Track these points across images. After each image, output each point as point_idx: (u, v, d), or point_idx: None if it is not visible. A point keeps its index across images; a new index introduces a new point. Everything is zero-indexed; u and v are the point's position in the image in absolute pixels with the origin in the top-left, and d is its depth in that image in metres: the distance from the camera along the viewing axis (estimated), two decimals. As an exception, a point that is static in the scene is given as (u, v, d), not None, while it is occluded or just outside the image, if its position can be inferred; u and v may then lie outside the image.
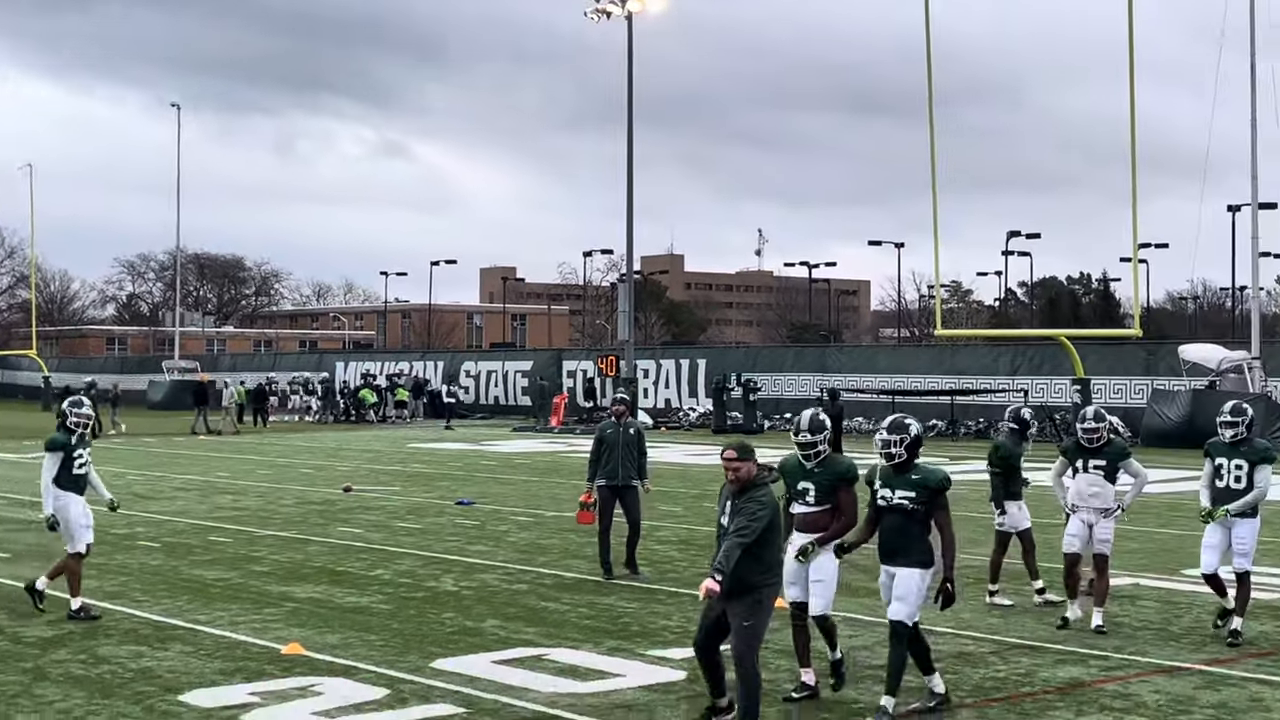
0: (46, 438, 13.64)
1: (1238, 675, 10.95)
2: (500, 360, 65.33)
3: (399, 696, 10.15)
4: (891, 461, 9.71)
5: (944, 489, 9.62)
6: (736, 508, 8.81)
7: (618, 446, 16.08)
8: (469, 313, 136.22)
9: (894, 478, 9.70)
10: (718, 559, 8.61)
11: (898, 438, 9.69)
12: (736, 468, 8.85)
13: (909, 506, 9.57)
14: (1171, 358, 42.32)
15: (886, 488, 9.71)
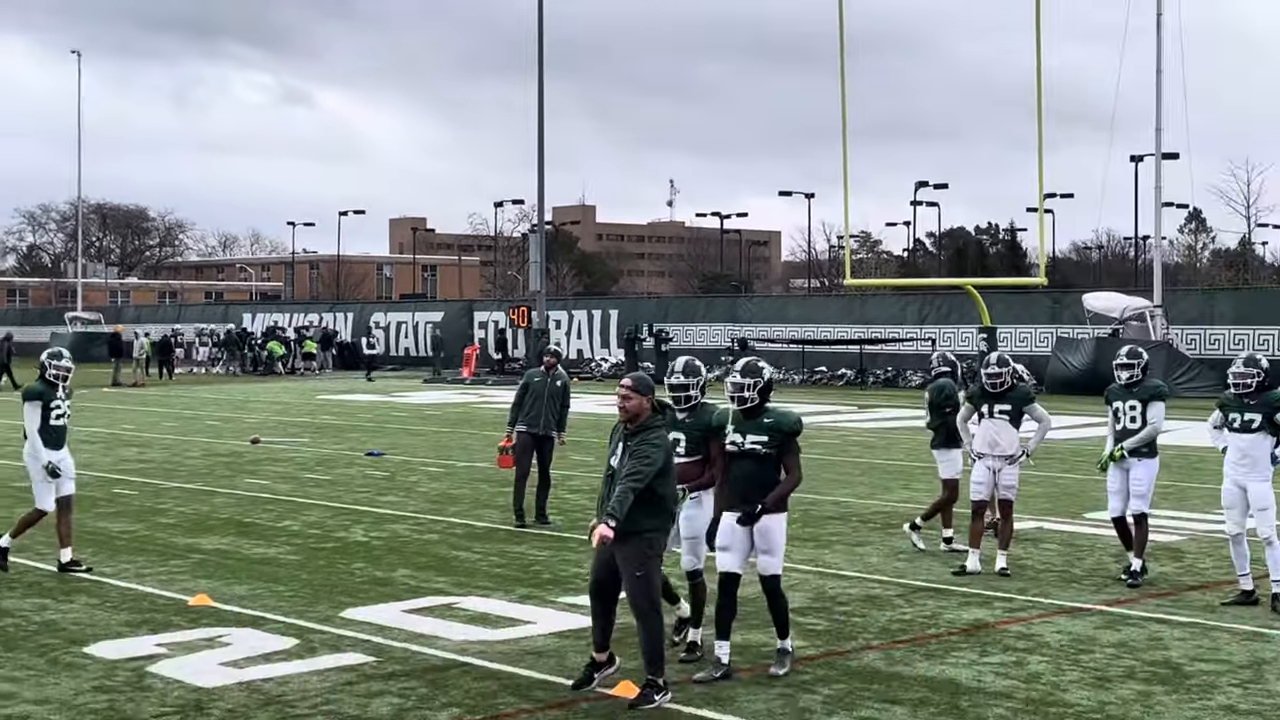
0: (24, 388, 13.33)
1: (1137, 615, 11.18)
2: (410, 311, 64.88)
3: (308, 646, 10.10)
4: (743, 406, 9.26)
5: (796, 432, 9.22)
6: (629, 449, 8.72)
7: (543, 396, 16.14)
8: (378, 264, 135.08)
9: (745, 423, 9.24)
10: (610, 505, 8.50)
11: (750, 381, 9.25)
12: (627, 397, 8.77)
13: (761, 451, 9.14)
14: (1076, 306, 42.95)
15: (737, 433, 9.24)
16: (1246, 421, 11.38)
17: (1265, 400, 11.35)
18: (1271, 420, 11.32)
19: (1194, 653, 9.92)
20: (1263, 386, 11.39)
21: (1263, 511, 11.32)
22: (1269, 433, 11.36)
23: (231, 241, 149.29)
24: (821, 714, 8.40)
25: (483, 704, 8.62)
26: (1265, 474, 11.38)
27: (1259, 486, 11.34)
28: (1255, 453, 11.35)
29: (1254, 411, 11.36)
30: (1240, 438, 11.40)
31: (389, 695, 8.81)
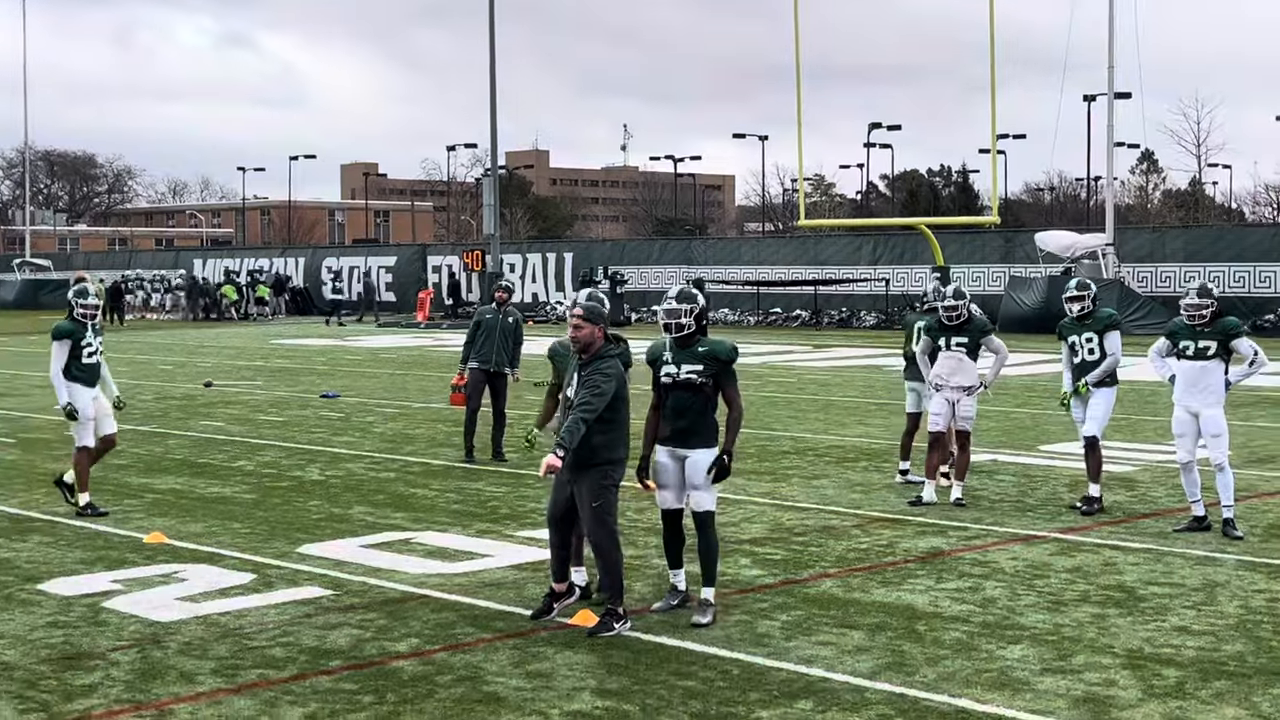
0: (52, 326, 13.05)
1: (1091, 542, 11.28)
2: (363, 256, 64.48)
3: (265, 581, 10.06)
4: (680, 333, 8.94)
5: (732, 360, 8.90)
6: (582, 379, 8.66)
7: (495, 332, 16.09)
8: (330, 209, 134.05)
9: (680, 351, 8.92)
10: (561, 435, 8.47)
11: (686, 307, 8.91)
12: (579, 326, 8.67)
13: (697, 381, 8.83)
14: (1029, 245, 43.14)
15: (672, 364, 8.92)
16: (1201, 349, 11.41)
17: (1219, 327, 11.41)
18: (1226, 347, 11.39)
19: (1147, 577, 10.02)
20: (1215, 315, 11.45)
21: (1215, 438, 11.40)
22: (1223, 359, 11.43)
23: (181, 188, 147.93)
24: (780, 639, 8.43)
25: (441, 634, 8.61)
26: (1218, 401, 11.46)
27: (1212, 412, 11.42)
28: (1209, 380, 11.41)
29: (1208, 339, 11.40)
30: (1194, 365, 11.44)
31: (347, 627, 8.78)
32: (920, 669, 7.81)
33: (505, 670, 7.83)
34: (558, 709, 7.15)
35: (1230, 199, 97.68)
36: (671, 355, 8.99)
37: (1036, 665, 7.87)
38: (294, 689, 7.51)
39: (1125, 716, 6.98)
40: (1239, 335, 11.44)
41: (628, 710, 7.12)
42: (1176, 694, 7.35)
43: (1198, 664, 7.88)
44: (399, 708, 7.18)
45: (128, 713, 7.13)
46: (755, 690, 7.44)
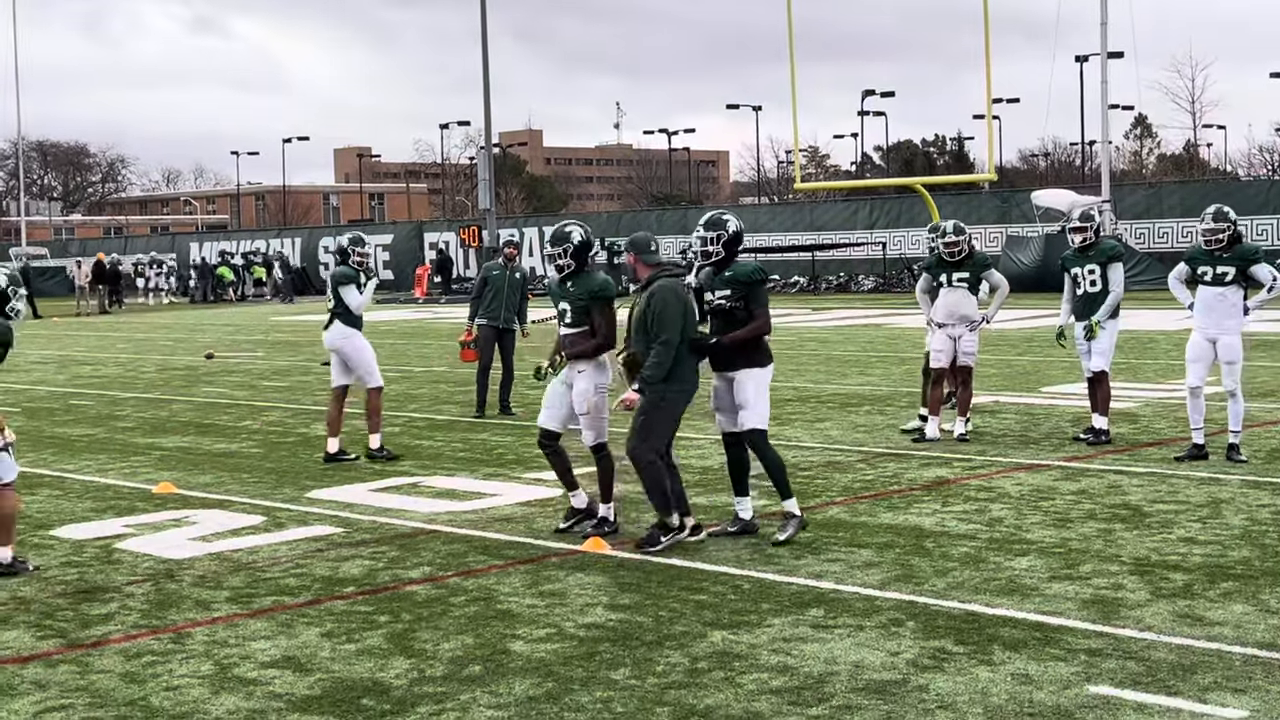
0: (335, 272, 13.18)
1: (1095, 468, 11.34)
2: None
3: (276, 522, 10.11)
4: (710, 260, 9.04)
5: (755, 280, 8.96)
6: (642, 310, 8.85)
7: (503, 289, 16.07)
8: (325, 193, 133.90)
9: (712, 279, 9.06)
10: (646, 371, 8.73)
11: (713, 234, 9.00)
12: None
13: (727, 305, 8.95)
14: (1025, 205, 43.16)
15: (708, 291, 9.06)
16: (1219, 274, 11.35)
17: (1238, 253, 11.35)
18: (1244, 273, 11.37)
19: (1153, 496, 10.08)
20: (1233, 240, 11.42)
21: (1230, 364, 11.40)
22: (1241, 285, 11.40)
23: (175, 176, 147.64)
24: (789, 559, 8.49)
25: (454, 562, 8.67)
26: (1236, 327, 11.42)
27: (1229, 339, 11.38)
28: (1227, 305, 11.36)
29: (1226, 264, 11.34)
30: (1213, 291, 11.39)
31: (359, 559, 8.84)
32: (929, 579, 7.87)
33: (518, 591, 7.90)
34: (572, 622, 7.21)
35: (1225, 161, 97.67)
36: (705, 284, 9.10)
37: (1045, 574, 7.93)
38: (309, 612, 7.57)
39: (1134, 615, 7.04)
40: (1258, 261, 11.40)
41: (641, 621, 7.18)
42: (1185, 594, 7.41)
43: (1205, 568, 7.94)
44: (414, 625, 7.24)
45: (145, 636, 7.19)
46: (767, 601, 7.50)
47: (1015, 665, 6.27)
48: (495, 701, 6.00)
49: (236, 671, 6.53)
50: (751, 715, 5.74)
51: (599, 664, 6.49)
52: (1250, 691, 5.84)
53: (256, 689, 6.27)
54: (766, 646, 6.68)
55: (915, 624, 6.98)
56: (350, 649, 6.85)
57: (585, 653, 6.66)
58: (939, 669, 6.26)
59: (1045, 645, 6.56)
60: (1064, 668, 6.22)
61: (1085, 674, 6.13)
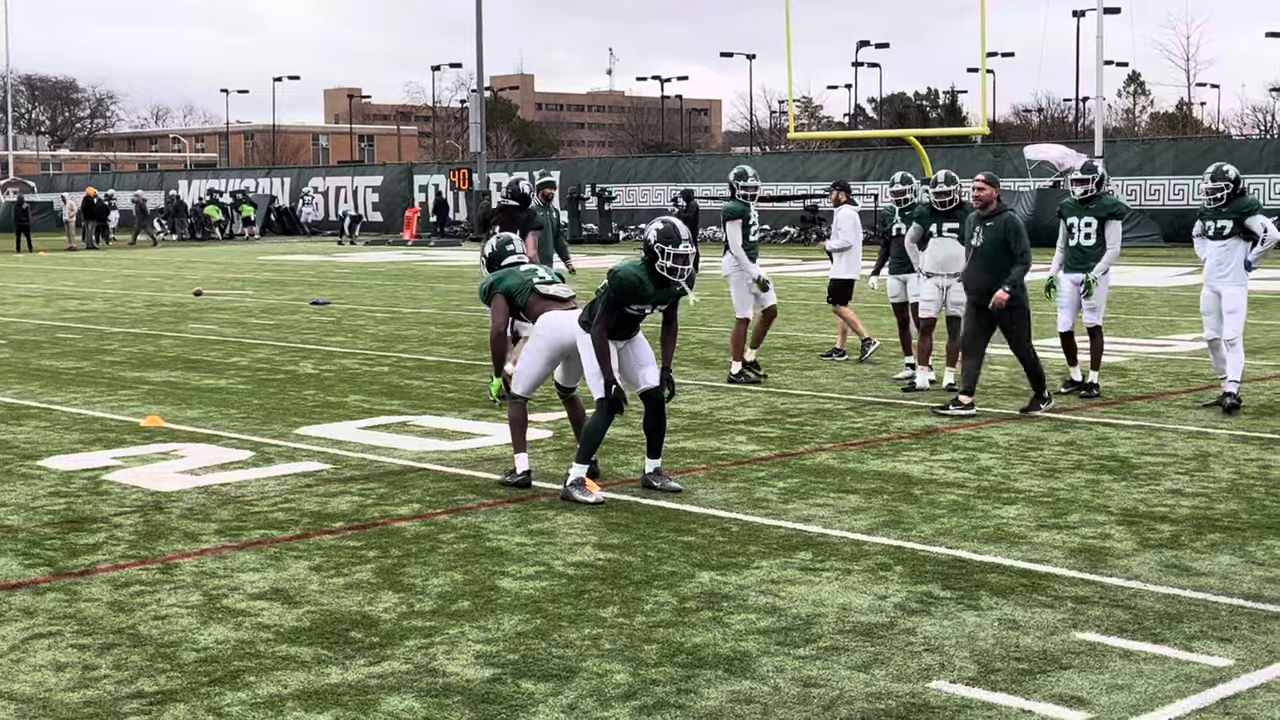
0: (728, 209, 13.64)
1: (1084, 420, 11.36)
2: (350, 175, 64.12)
3: (264, 457, 10.10)
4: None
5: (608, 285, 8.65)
6: (986, 230, 11.48)
7: (547, 228, 15.79)
8: (314, 134, 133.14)
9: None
10: (1012, 277, 11.36)
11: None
12: (981, 189, 11.58)
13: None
14: (1018, 159, 43.04)
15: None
16: (1219, 228, 11.65)
17: (1235, 208, 11.61)
18: (1242, 226, 11.54)
19: (1140, 449, 10.11)
20: (1233, 196, 11.59)
21: (1231, 314, 11.60)
22: (1242, 238, 11.58)
23: (164, 113, 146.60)
24: (778, 502, 8.51)
25: (443, 500, 8.67)
26: (1238, 279, 11.62)
27: (1231, 290, 11.62)
28: (1229, 258, 11.61)
29: (1225, 219, 11.62)
30: (1217, 245, 11.67)
31: (349, 495, 8.84)
32: (917, 526, 7.89)
33: (507, 529, 7.90)
34: (561, 560, 7.22)
35: (1218, 120, 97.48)
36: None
37: (1032, 522, 7.95)
38: (298, 546, 7.58)
39: (1122, 564, 7.07)
40: (1252, 213, 11.61)
41: (630, 560, 7.19)
42: (1172, 545, 7.44)
43: (1192, 520, 7.97)
44: (403, 560, 7.24)
45: (133, 566, 7.19)
46: (755, 544, 7.52)
47: (1002, 611, 6.30)
48: (484, 636, 6.01)
49: (225, 602, 6.54)
50: (739, 654, 5.76)
51: (587, 602, 6.50)
52: (1235, 641, 5.87)
53: (245, 620, 6.27)
54: (754, 588, 6.70)
55: (903, 568, 7.00)
56: (339, 583, 6.85)
57: (574, 591, 6.67)
58: (926, 613, 6.28)
59: (1032, 592, 6.59)
60: (1050, 614, 6.24)
61: (1072, 620, 6.15)
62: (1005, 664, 5.62)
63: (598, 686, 5.42)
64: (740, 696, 5.31)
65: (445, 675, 5.56)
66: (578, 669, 5.61)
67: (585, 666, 5.64)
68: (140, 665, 5.70)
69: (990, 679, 5.46)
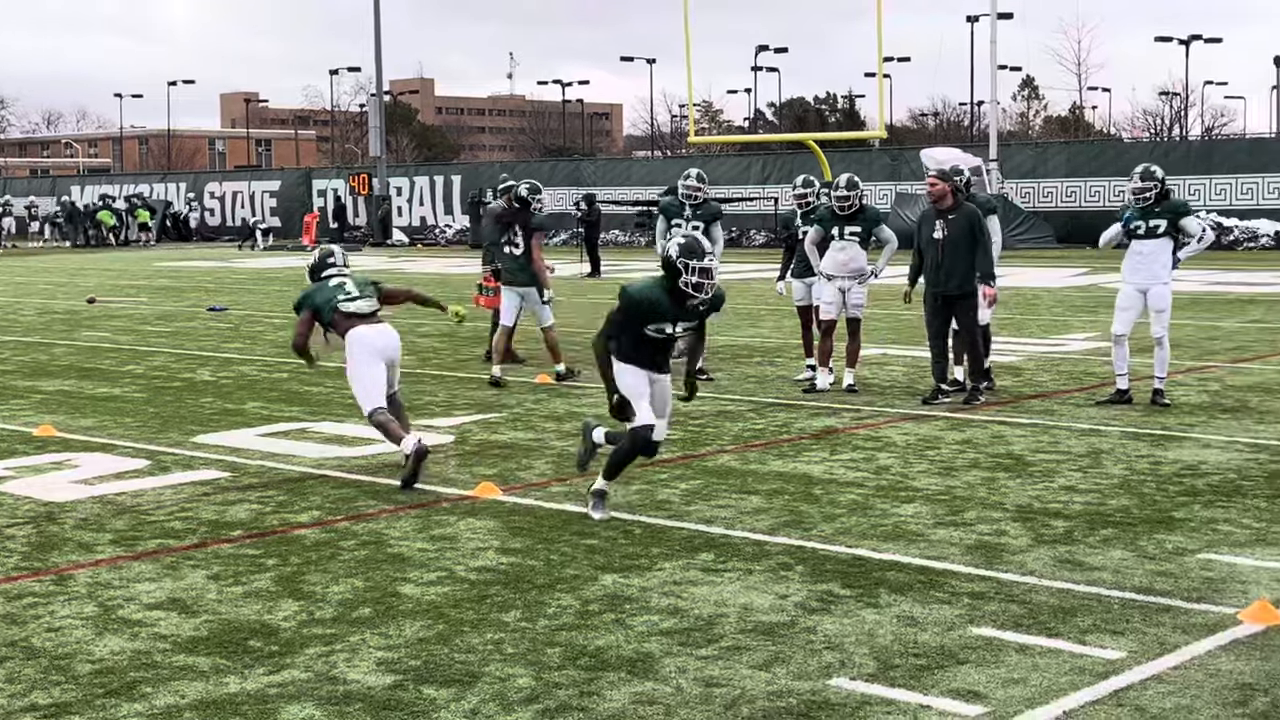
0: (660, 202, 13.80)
1: (980, 419, 11.53)
2: (246, 180, 63.37)
3: (161, 466, 9.96)
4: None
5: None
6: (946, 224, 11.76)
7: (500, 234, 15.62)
8: (211, 138, 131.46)
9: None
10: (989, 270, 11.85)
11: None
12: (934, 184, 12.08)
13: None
14: (915, 163, 43.57)
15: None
16: (1152, 227, 11.84)
17: (1169, 207, 11.88)
18: (1175, 225, 11.81)
19: (1035, 446, 10.28)
20: (1161, 196, 11.86)
21: (1159, 313, 11.90)
22: (1171, 238, 11.85)
23: (57, 118, 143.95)
24: (680, 504, 8.54)
25: (343, 506, 8.61)
26: (1166, 278, 11.90)
27: (1159, 289, 11.88)
28: (1160, 257, 11.83)
29: (1158, 218, 11.84)
30: (1145, 243, 11.86)
31: (247, 503, 8.74)
32: (818, 525, 7.96)
33: (409, 535, 7.86)
34: (463, 566, 7.19)
35: (1109, 123, 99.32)
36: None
37: (930, 520, 8.06)
38: (195, 555, 7.48)
39: (1017, 560, 7.19)
40: (1188, 214, 11.94)
41: (532, 564, 7.19)
42: (1065, 540, 7.57)
43: (1085, 516, 8.12)
44: (303, 569, 7.17)
45: (26, 578, 7.05)
46: (657, 546, 7.55)
47: (901, 608, 6.38)
48: (385, 643, 5.98)
49: (121, 613, 6.44)
50: (642, 656, 5.78)
51: (490, 606, 6.48)
52: (1127, 634, 5.99)
53: (141, 630, 6.18)
54: (657, 589, 6.72)
55: (804, 568, 7.07)
56: (237, 591, 6.77)
57: (476, 595, 6.66)
58: (826, 611, 6.35)
59: (930, 589, 6.68)
60: (948, 610, 6.33)
61: (969, 616, 6.24)
62: (904, 660, 5.69)
63: (500, 691, 5.41)
64: (643, 698, 5.33)
65: (346, 683, 5.52)
66: (480, 674, 5.60)
67: (487, 671, 5.63)
68: (34, 678, 5.60)
69: (889, 675, 5.53)
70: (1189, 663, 5.62)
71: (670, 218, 14.05)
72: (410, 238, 53.25)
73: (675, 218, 13.99)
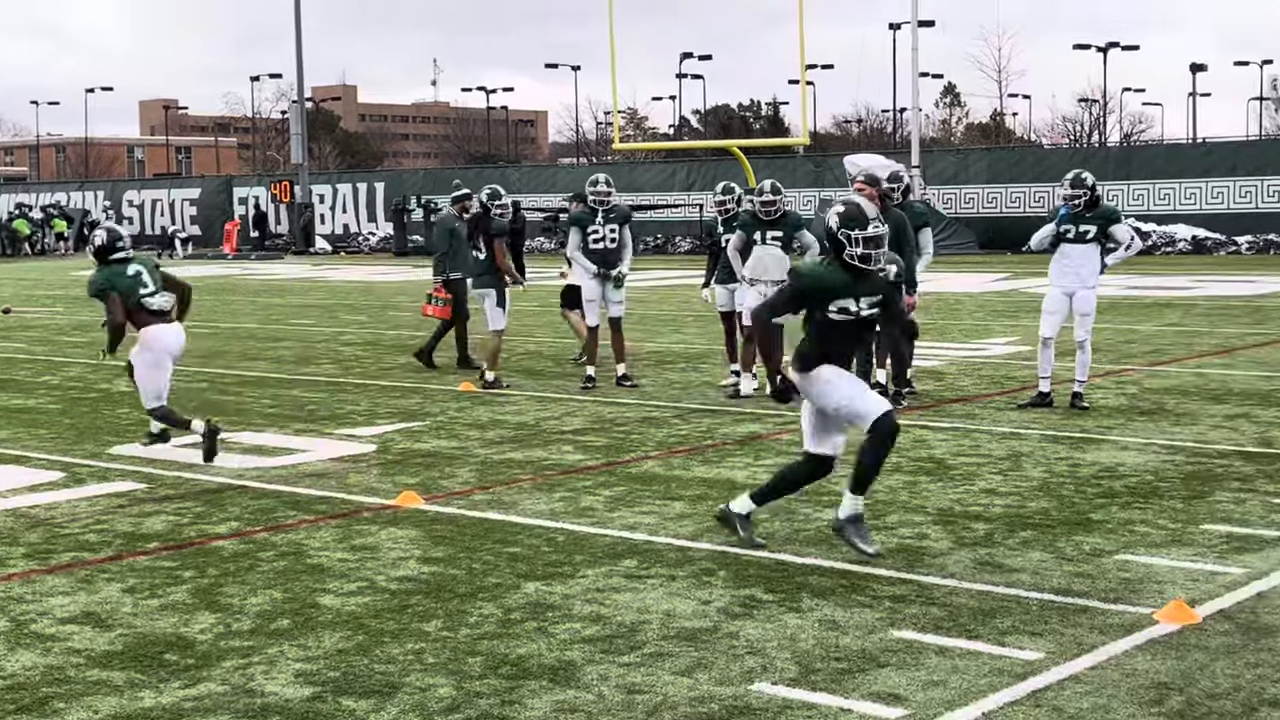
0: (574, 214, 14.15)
1: (903, 423, 11.51)
2: (166, 189, 62.64)
3: (76, 478, 9.80)
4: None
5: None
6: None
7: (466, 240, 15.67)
8: (130, 146, 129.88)
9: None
10: (912, 277, 11.68)
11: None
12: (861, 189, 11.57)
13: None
14: (838, 169, 43.84)
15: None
16: (1082, 232, 12.02)
17: (1100, 213, 12.07)
18: (1104, 232, 12.00)
19: (956, 450, 10.35)
20: (1091, 202, 12.04)
21: (1084, 316, 12.08)
22: (1100, 244, 12.03)
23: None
24: (604, 511, 8.52)
25: (262, 517, 8.50)
26: (1093, 283, 12.07)
27: (1086, 293, 12.05)
28: (1088, 262, 11.99)
29: (1089, 223, 12.02)
30: (1075, 248, 12.02)
31: (163, 515, 8.62)
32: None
33: (329, 545, 7.78)
34: (384, 576, 7.12)
35: (1029, 130, 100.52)
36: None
37: (853, 524, 8.07)
38: (110, 568, 7.36)
39: (938, 563, 7.23)
40: (1118, 221, 12.15)
41: (454, 574, 7.13)
42: (985, 543, 7.63)
43: (1005, 518, 8.19)
44: (220, 580, 7.08)
45: (-65, 594, 6.91)
46: (580, 553, 7.52)
47: (822, 612, 6.39)
48: (303, 655, 5.91)
49: (33, 628, 6.32)
50: (564, 664, 5.75)
51: (411, 616, 6.43)
52: (1046, 635, 6.03)
53: (54, 645, 6.07)
54: (580, 597, 6.69)
55: (726, 573, 7.07)
56: (153, 604, 6.67)
57: (397, 605, 6.60)
58: (749, 616, 6.35)
59: (852, 592, 6.70)
60: (869, 613, 6.35)
61: (889, 619, 6.27)
62: (825, 664, 5.70)
63: (420, 701, 5.36)
64: (564, 706, 5.30)
65: (264, 695, 5.44)
66: (400, 684, 5.54)
67: (408, 682, 5.57)
68: (-59, 696, 5.48)
69: (810, 679, 5.53)
70: (1106, 663, 5.68)
71: (584, 227, 13.94)
72: (333, 246, 52.86)
73: (589, 225, 13.92)
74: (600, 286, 13.84)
